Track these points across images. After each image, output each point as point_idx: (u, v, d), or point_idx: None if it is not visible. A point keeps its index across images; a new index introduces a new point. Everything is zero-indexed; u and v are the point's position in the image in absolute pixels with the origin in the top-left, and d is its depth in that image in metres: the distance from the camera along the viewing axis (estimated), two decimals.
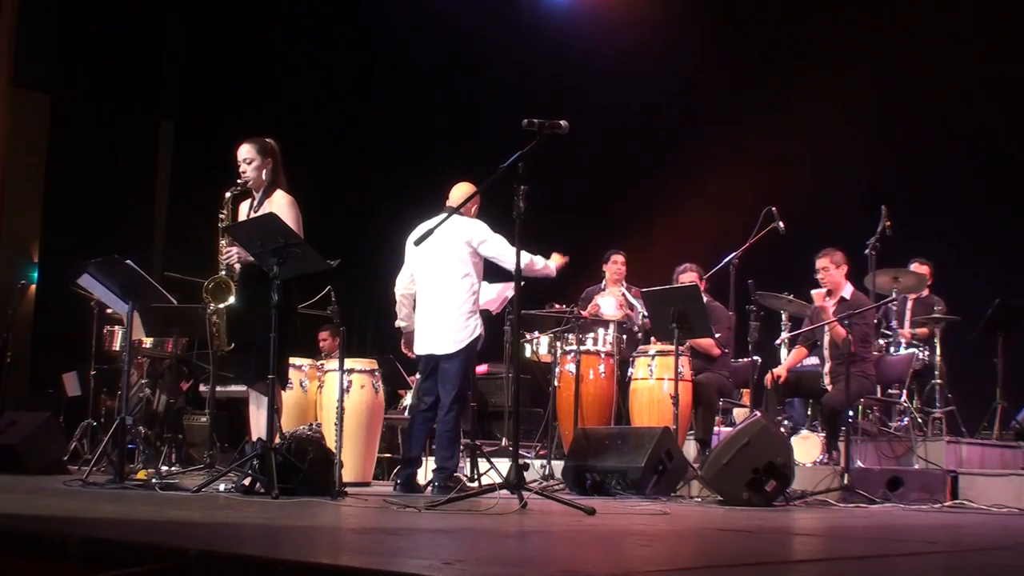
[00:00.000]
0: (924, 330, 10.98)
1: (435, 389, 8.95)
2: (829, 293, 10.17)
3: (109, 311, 11.06)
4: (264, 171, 8.13)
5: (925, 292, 11.29)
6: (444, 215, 8.39)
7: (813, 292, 10.26)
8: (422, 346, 9.03)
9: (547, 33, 15.47)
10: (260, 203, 8.12)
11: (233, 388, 11.39)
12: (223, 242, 8.10)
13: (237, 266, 8.09)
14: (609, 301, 11.42)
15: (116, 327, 11.55)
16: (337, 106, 17.08)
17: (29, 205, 17.27)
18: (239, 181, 8.14)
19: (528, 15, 15.77)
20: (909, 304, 11.30)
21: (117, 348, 11.61)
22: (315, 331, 12.55)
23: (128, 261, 8.34)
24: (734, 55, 14.51)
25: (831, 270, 10.16)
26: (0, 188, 15.00)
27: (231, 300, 7.87)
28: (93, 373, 11.76)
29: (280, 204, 8.00)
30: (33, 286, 17.13)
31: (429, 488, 8.78)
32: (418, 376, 9.23)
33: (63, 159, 17.25)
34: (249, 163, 8.12)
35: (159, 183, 18.46)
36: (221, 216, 8.12)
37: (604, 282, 11.67)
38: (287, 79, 17.18)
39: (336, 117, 17.08)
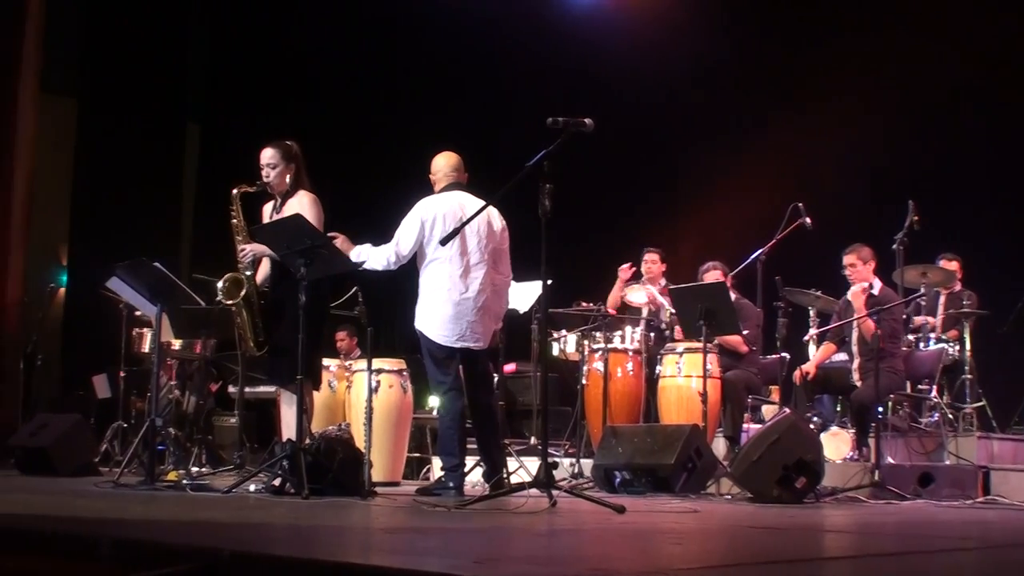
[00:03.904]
0: (954, 332, 10.92)
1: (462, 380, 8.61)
2: (868, 288, 10.10)
3: (138, 313, 11.07)
4: (287, 175, 8.17)
5: (956, 287, 11.23)
6: (482, 203, 8.12)
7: (852, 288, 10.18)
8: (448, 336, 8.44)
9: (570, 30, 15.44)
10: (283, 204, 8.16)
11: (262, 389, 11.41)
12: (238, 239, 8.14)
13: (267, 265, 8.14)
14: (639, 292, 11.40)
15: (145, 329, 11.58)
16: (361, 106, 17.08)
17: (57, 209, 17.36)
18: (257, 182, 8.17)
19: (551, 13, 15.74)
20: (941, 300, 11.24)
21: (146, 350, 11.63)
22: (334, 331, 12.56)
23: (156, 263, 8.36)
24: (759, 50, 14.46)
25: (859, 266, 10.12)
26: (28, 192, 15.04)
27: (241, 297, 7.94)
28: (123, 375, 11.78)
29: (303, 203, 8.04)
30: (62, 289, 17.22)
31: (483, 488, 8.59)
32: (447, 372, 8.48)
33: (90, 163, 17.34)
34: (273, 168, 8.15)
35: (186, 185, 18.54)
36: (232, 213, 8.16)
37: (642, 280, 11.66)
38: (311, 79, 17.19)
39: (360, 116, 17.08)
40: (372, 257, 8.46)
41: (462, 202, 8.29)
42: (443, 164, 8.70)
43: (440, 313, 8.38)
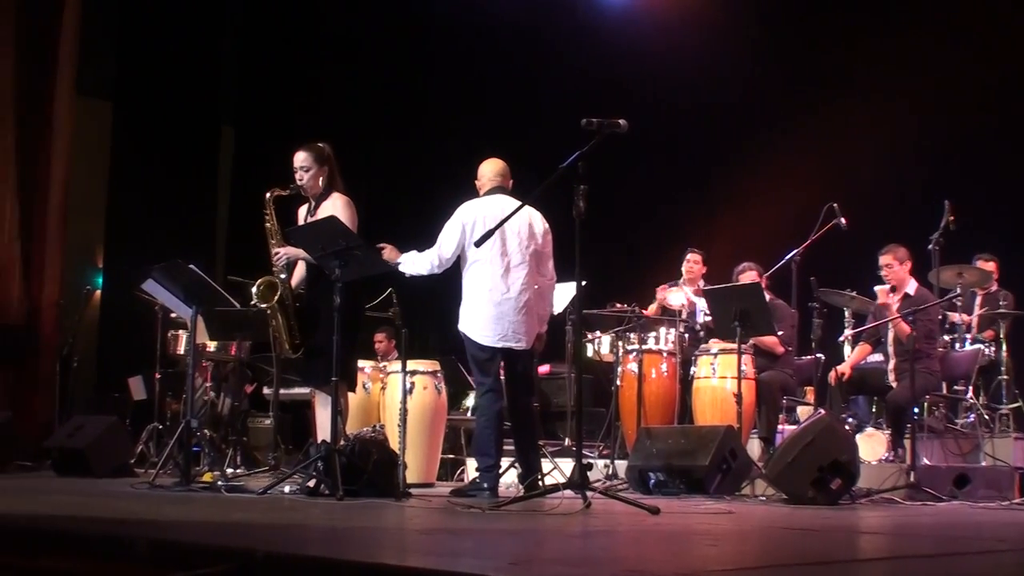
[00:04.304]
0: (990, 332, 10.87)
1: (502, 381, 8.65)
2: (893, 289, 10.09)
3: (173, 315, 11.12)
4: (320, 178, 8.19)
5: (992, 287, 11.18)
6: (518, 203, 8.13)
7: (877, 288, 10.18)
8: (490, 336, 8.46)
9: (604, 32, 15.43)
10: (317, 207, 8.18)
11: (296, 390, 11.45)
12: (272, 242, 8.17)
13: (302, 267, 8.18)
14: (678, 295, 11.38)
15: (180, 331, 11.62)
16: (395, 106, 17.11)
17: (93, 211, 17.47)
18: (291, 186, 8.20)
19: (585, 15, 15.73)
20: (978, 300, 11.19)
21: (181, 352, 11.69)
22: (373, 333, 12.58)
23: (191, 265, 8.40)
24: (793, 50, 14.40)
25: (895, 266, 10.08)
26: (64, 195, 15.13)
27: (276, 300, 7.98)
28: (158, 377, 11.83)
29: (337, 206, 8.06)
30: (98, 292, 17.30)
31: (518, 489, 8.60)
32: (487, 374, 8.52)
33: (126, 165, 17.44)
34: (307, 171, 8.18)
35: (220, 187, 18.64)
36: (266, 216, 8.19)
37: (681, 280, 11.65)
38: (344, 81, 17.24)
39: (394, 118, 17.11)
40: (418, 263, 8.53)
41: (503, 206, 8.28)
42: (488, 170, 8.74)
43: (482, 314, 8.42)
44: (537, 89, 15.99)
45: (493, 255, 8.39)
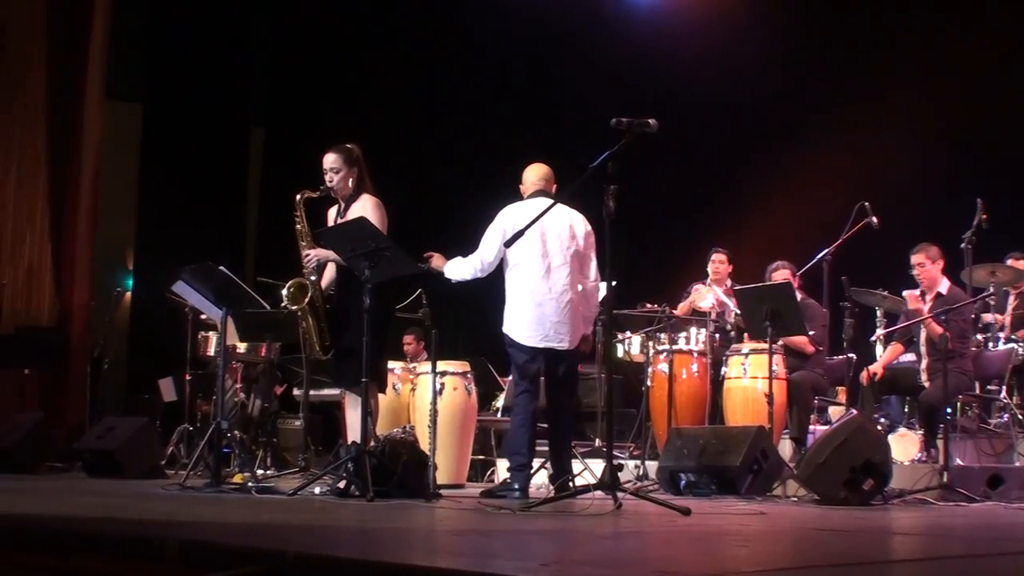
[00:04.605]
0: (1023, 331, 10.80)
1: (540, 382, 8.68)
2: (923, 294, 10.02)
3: (203, 317, 11.14)
4: (350, 179, 8.20)
5: None
6: (550, 202, 8.15)
7: (905, 294, 10.11)
8: (532, 337, 8.47)
9: (632, 31, 15.41)
10: (347, 208, 8.19)
11: (326, 392, 11.46)
12: (302, 244, 8.18)
13: (332, 269, 8.18)
14: (708, 297, 11.34)
15: (210, 333, 11.64)
16: (424, 106, 17.13)
17: (123, 214, 17.54)
18: (321, 187, 8.21)
19: (612, 13, 15.71)
20: (1011, 299, 11.11)
21: (212, 353, 11.70)
22: (402, 334, 12.57)
23: (221, 267, 8.41)
24: (824, 48, 14.37)
25: (927, 265, 10.01)
26: (95, 198, 15.21)
27: (306, 302, 7.98)
28: (188, 378, 11.87)
29: (367, 207, 8.07)
30: (128, 293, 17.37)
31: (548, 490, 8.59)
32: (526, 374, 8.53)
33: (155, 167, 17.52)
34: (336, 172, 8.18)
35: (250, 188, 18.69)
36: (296, 217, 8.20)
37: (708, 280, 11.61)
38: (373, 81, 17.25)
39: (422, 117, 17.13)
40: (461, 268, 8.59)
41: (542, 208, 8.31)
42: (532, 175, 8.76)
43: (524, 315, 8.45)
44: (566, 88, 15.97)
45: (534, 257, 8.42)
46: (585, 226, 8.60)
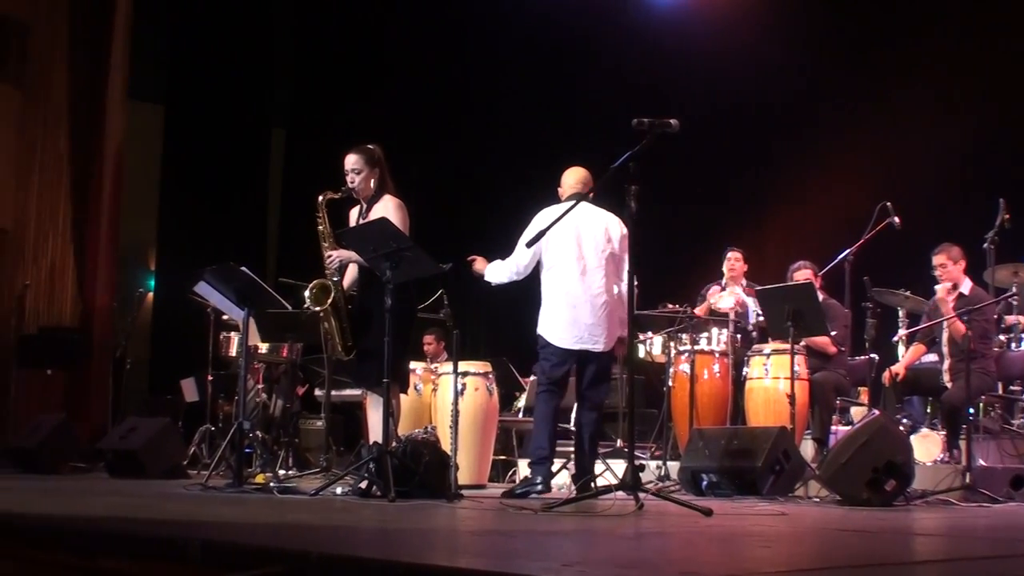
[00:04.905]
0: None
1: (565, 384, 8.75)
2: (954, 287, 9.98)
3: (225, 317, 11.18)
4: (372, 180, 8.20)
5: None
6: (572, 202, 8.17)
7: (937, 287, 10.06)
8: (567, 339, 8.56)
9: (653, 30, 15.39)
10: (369, 209, 8.20)
11: (348, 392, 11.49)
12: (325, 245, 8.18)
13: (354, 269, 8.19)
14: (728, 298, 11.31)
15: (232, 333, 11.68)
16: (446, 107, 17.13)
17: (145, 214, 17.60)
18: (343, 188, 8.21)
19: (634, 14, 15.69)
20: None
21: (233, 354, 11.73)
22: (422, 335, 12.58)
23: (243, 268, 8.43)
24: (844, 47, 14.33)
25: (949, 266, 9.98)
26: (117, 198, 15.26)
27: (329, 303, 7.99)
28: (210, 379, 11.91)
29: (389, 208, 8.07)
30: (150, 294, 17.41)
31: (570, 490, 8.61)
32: (554, 375, 8.60)
33: (177, 168, 17.57)
34: (357, 173, 8.19)
35: (271, 189, 18.72)
36: (318, 219, 8.21)
37: (724, 280, 11.57)
38: (395, 82, 17.26)
39: (445, 118, 17.14)
40: (499, 272, 8.70)
41: (577, 212, 8.35)
42: (570, 178, 8.80)
43: (559, 317, 8.53)
44: (586, 88, 15.97)
45: (569, 259, 8.50)
46: (621, 229, 8.62)
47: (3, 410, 13.51)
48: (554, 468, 8.71)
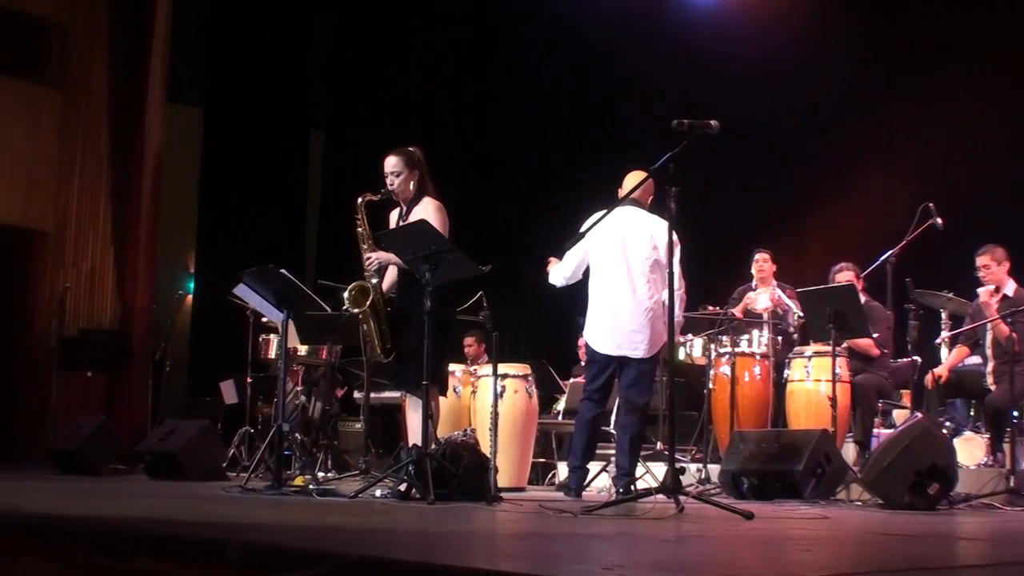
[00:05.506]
0: None
1: (607, 391, 8.85)
2: (996, 290, 9.90)
3: (264, 320, 11.21)
4: (411, 182, 8.19)
5: None
6: (616, 207, 8.17)
7: (980, 290, 9.99)
8: (607, 345, 8.63)
9: (693, 32, 15.35)
10: (408, 211, 8.18)
11: (387, 394, 11.49)
12: (364, 247, 8.17)
13: (393, 272, 8.18)
14: (763, 297, 11.25)
15: (271, 335, 11.70)
16: (484, 109, 17.13)
17: (184, 217, 17.68)
18: (382, 190, 8.20)
19: (672, 14, 15.66)
20: None
21: (272, 356, 11.76)
22: (463, 337, 12.57)
23: (282, 270, 8.43)
24: (887, 48, 14.26)
25: (992, 267, 9.90)
26: (156, 201, 15.34)
27: (368, 305, 7.99)
28: (250, 381, 11.94)
29: (429, 210, 8.05)
30: (190, 296, 17.47)
31: (610, 493, 8.63)
32: (595, 381, 8.72)
33: (217, 170, 17.65)
34: (397, 175, 8.17)
35: (310, 191, 18.78)
36: (357, 221, 8.20)
37: (754, 282, 11.50)
38: (434, 85, 17.26)
39: (484, 120, 17.14)
40: (554, 274, 8.88)
41: (624, 217, 8.36)
42: (628, 182, 8.77)
43: (601, 324, 8.62)
44: (624, 89, 15.94)
45: (613, 266, 8.57)
46: (667, 235, 8.57)
47: (44, 412, 13.59)
48: (594, 471, 8.73)
